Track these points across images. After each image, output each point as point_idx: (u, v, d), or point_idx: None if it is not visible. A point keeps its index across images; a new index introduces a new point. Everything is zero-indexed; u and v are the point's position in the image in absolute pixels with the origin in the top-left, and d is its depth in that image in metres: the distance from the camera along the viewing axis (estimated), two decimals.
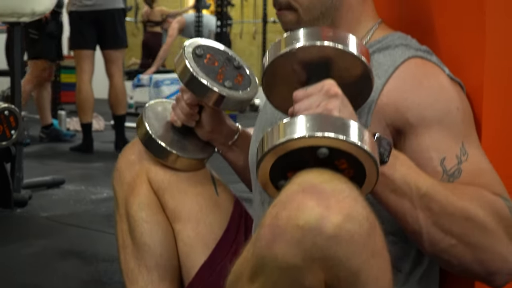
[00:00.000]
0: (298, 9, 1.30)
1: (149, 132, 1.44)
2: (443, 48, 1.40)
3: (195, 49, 1.41)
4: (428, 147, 1.18)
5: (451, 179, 1.16)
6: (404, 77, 1.22)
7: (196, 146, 1.48)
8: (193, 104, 1.45)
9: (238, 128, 1.53)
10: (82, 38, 5.20)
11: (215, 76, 1.38)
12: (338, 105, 1.04)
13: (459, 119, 1.20)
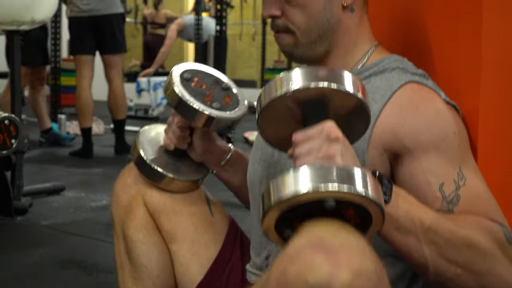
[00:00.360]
0: (296, 32, 1.32)
1: (142, 157, 1.47)
2: (439, 71, 1.42)
3: (183, 73, 1.44)
4: (426, 172, 1.19)
5: (451, 206, 1.17)
6: (400, 102, 1.24)
7: (190, 168, 1.51)
8: (183, 127, 1.47)
9: (230, 148, 1.55)
10: (81, 43, 5.23)
11: (203, 98, 1.41)
12: (339, 149, 1.03)
13: (455, 143, 1.21)
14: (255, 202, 1.42)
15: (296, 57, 1.36)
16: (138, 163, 1.48)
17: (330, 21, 1.31)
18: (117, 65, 5.30)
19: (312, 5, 1.30)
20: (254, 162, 1.44)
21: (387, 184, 1.08)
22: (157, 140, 1.53)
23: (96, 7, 5.16)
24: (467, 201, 1.18)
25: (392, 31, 1.56)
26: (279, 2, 1.32)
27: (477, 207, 1.17)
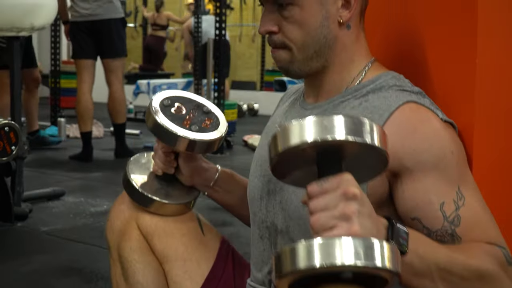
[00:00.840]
0: (293, 47, 1.33)
1: (132, 184, 1.50)
2: (434, 87, 1.43)
3: (163, 101, 1.47)
4: (426, 191, 1.21)
5: (453, 227, 1.20)
6: (399, 122, 1.25)
7: (180, 191, 1.53)
8: (168, 152, 1.51)
9: (217, 169, 1.58)
10: (81, 48, 5.25)
11: (181, 123, 1.44)
12: (356, 209, 0.99)
13: (453, 162, 1.23)
14: (255, 217, 1.44)
15: (292, 73, 1.36)
16: (129, 190, 1.51)
17: (327, 38, 1.32)
18: (116, 70, 5.31)
19: (309, 21, 1.31)
20: (254, 178, 1.45)
21: (403, 234, 1.08)
22: (147, 166, 1.57)
23: (95, 12, 5.18)
24: (468, 221, 1.20)
25: (388, 47, 1.57)
26: (276, 18, 1.33)
27: (478, 228, 1.20)
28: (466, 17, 1.36)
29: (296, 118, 1.38)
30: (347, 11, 1.32)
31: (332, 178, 1.00)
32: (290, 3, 1.30)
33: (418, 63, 1.48)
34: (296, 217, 1.30)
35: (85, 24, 5.21)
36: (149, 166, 1.56)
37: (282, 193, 1.33)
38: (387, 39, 1.59)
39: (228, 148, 6.30)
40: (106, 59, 5.30)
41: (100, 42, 5.24)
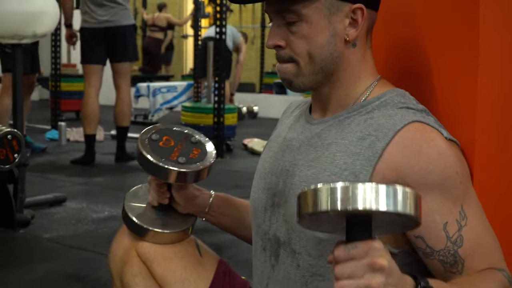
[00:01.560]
0: (300, 62, 1.34)
1: (130, 217, 1.54)
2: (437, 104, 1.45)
3: (151, 135, 1.50)
4: (430, 211, 1.23)
5: (455, 247, 1.22)
6: (404, 142, 1.26)
7: (177, 220, 1.57)
8: (160, 183, 1.54)
9: (211, 194, 1.60)
10: (93, 53, 5.32)
11: (169, 155, 1.47)
12: (382, 282, 0.98)
13: (457, 182, 1.25)
14: (258, 229, 1.45)
15: (295, 86, 1.38)
16: (127, 223, 1.55)
17: (333, 55, 1.34)
18: (126, 74, 5.40)
19: (317, 38, 1.32)
20: (258, 190, 1.47)
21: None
22: (144, 198, 1.60)
23: (111, 18, 5.27)
24: (470, 243, 1.23)
25: (393, 64, 1.59)
26: (284, 33, 1.34)
27: (480, 250, 1.23)
28: (468, 35, 1.38)
29: (301, 132, 1.40)
30: (354, 30, 1.34)
31: (360, 244, 0.98)
32: (298, 19, 1.32)
33: (422, 80, 1.50)
34: (298, 230, 1.31)
35: (100, 30, 5.28)
36: (146, 198, 1.59)
37: (286, 205, 1.35)
38: (393, 56, 1.61)
39: (228, 152, 6.33)
40: (117, 63, 5.37)
41: (113, 47, 5.31)
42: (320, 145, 1.34)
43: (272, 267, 1.39)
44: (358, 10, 1.33)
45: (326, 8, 1.31)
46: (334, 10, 1.32)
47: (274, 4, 1.34)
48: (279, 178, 1.40)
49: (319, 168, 1.31)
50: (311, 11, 1.31)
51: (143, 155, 1.46)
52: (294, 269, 1.33)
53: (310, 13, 1.31)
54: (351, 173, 1.26)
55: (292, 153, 1.39)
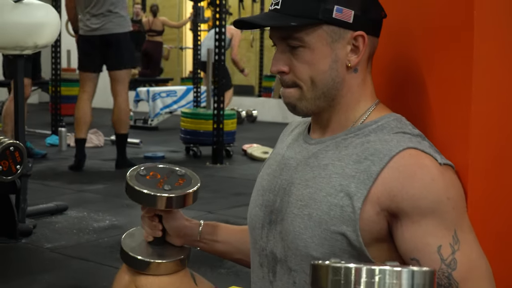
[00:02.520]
0: (303, 87, 1.38)
1: (127, 253, 1.60)
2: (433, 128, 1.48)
3: (139, 172, 1.59)
4: (424, 234, 1.27)
5: (449, 270, 1.26)
6: (398, 167, 1.30)
7: (172, 251, 1.63)
8: (151, 216, 1.59)
9: (200, 223, 1.64)
10: (88, 61, 5.39)
11: (155, 185, 1.55)
12: None
13: (450, 208, 1.29)
14: (256, 245, 1.49)
15: (298, 110, 1.42)
16: (126, 260, 1.61)
17: (335, 80, 1.38)
18: (123, 81, 5.43)
19: (319, 64, 1.36)
20: (255, 206, 1.51)
21: None
22: (140, 237, 1.68)
23: (105, 26, 5.31)
24: (464, 266, 1.26)
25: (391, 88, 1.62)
26: (288, 59, 1.38)
27: (473, 274, 1.27)
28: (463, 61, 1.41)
29: (299, 152, 1.44)
30: (356, 56, 1.38)
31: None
32: (301, 46, 1.36)
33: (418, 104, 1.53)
34: (294, 247, 1.35)
35: (95, 38, 5.33)
36: (141, 237, 1.66)
37: (282, 223, 1.39)
38: (390, 79, 1.64)
39: (228, 158, 6.36)
40: (114, 70, 5.42)
41: (108, 55, 5.36)
42: (317, 165, 1.37)
43: (270, 283, 1.43)
44: (360, 37, 1.37)
45: (329, 35, 1.35)
46: (336, 37, 1.36)
47: (278, 31, 1.38)
48: (276, 196, 1.44)
49: (315, 188, 1.34)
50: (314, 38, 1.35)
51: (131, 186, 1.54)
52: (291, 285, 1.37)
53: (313, 40, 1.35)
54: (346, 194, 1.30)
55: (290, 172, 1.42)
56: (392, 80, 1.63)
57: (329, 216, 1.30)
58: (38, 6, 3.75)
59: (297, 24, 1.33)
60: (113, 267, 2.97)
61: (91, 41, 5.35)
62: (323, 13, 1.34)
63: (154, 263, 1.57)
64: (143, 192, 1.53)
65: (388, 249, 1.32)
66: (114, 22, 5.32)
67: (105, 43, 5.32)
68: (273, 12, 1.37)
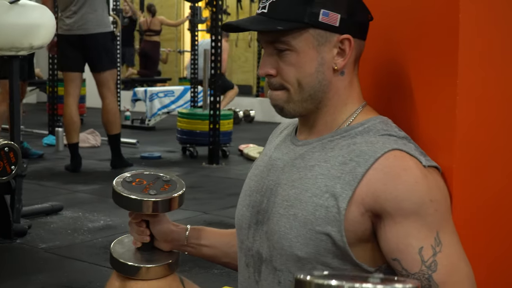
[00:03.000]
0: (290, 89, 1.40)
1: (117, 259, 1.62)
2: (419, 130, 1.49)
3: (125, 178, 1.61)
4: (406, 235, 1.29)
5: (430, 272, 1.27)
6: (383, 169, 1.32)
7: (161, 256, 1.64)
8: (138, 221, 1.60)
9: (187, 228, 1.66)
10: (67, 60, 5.38)
11: (141, 191, 1.57)
12: None
13: (432, 210, 1.30)
14: (242, 245, 1.51)
15: (286, 112, 1.43)
16: (116, 266, 1.62)
17: (322, 83, 1.39)
18: (107, 82, 5.40)
19: (305, 67, 1.38)
20: (243, 207, 1.52)
21: None
22: (129, 244, 1.69)
23: (82, 26, 5.29)
24: (444, 269, 1.28)
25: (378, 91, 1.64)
26: (275, 62, 1.40)
27: (454, 279, 1.28)
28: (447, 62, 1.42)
29: (286, 153, 1.46)
30: (342, 59, 1.39)
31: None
32: (288, 49, 1.37)
33: (405, 107, 1.55)
34: (279, 247, 1.37)
35: (72, 37, 5.31)
36: (130, 244, 1.67)
37: (268, 223, 1.40)
38: (377, 82, 1.65)
39: (224, 158, 6.37)
40: (96, 73, 5.41)
41: (88, 56, 5.35)
42: (303, 167, 1.39)
43: (256, 283, 1.44)
44: (346, 40, 1.38)
45: (315, 38, 1.37)
46: (323, 40, 1.38)
47: (265, 35, 1.40)
48: (263, 196, 1.45)
49: (301, 188, 1.36)
50: (301, 42, 1.37)
51: (117, 192, 1.56)
52: (276, 285, 1.38)
53: (299, 43, 1.37)
54: (331, 195, 1.31)
55: (277, 173, 1.44)
56: (379, 82, 1.65)
57: (314, 216, 1.32)
58: (33, 7, 3.76)
59: (283, 28, 1.35)
60: (107, 267, 2.98)
61: (70, 40, 5.32)
62: (310, 17, 1.35)
63: (144, 268, 1.59)
64: (129, 198, 1.54)
65: (372, 249, 1.34)
66: (92, 22, 5.29)
67: (84, 43, 5.30)
68: (260, 16, 1.39)
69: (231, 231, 1.66)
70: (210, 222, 3.97)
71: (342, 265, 1.32)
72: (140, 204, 1.54)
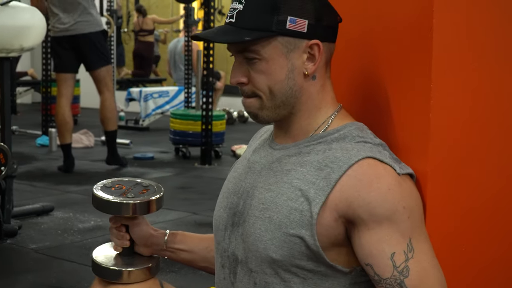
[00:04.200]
0: (262, 96, 1.41)
1: (99, 264, 1.63)
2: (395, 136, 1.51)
3: (105, 184, 1.63)
4: (379, 241, 1.31)
5: (402, 277, 1.29)
6: (356, 176, 1.33)
7: (141, 260, 1.67)
8: (117, 226, 1.61)
9: (165, 233, 1.67)
10: (61, 62, 5.42)
11: (120, 194, 1.59)
12: None
13: (405, 216, 1.32)
14: (218, 246, 1.52)
15: (260, 119, 1.45)
16: (97, 271, 1.64)
17: (293, 89, 1.41)
18: (103, 79, 5.46)
19: (276, 74, 1.39)
20: (220, 208, 1.54)
21: None
22: (110, 251, 1.71)
23: (73, 27, 5.32)
24: (416, 274, 1.30)
25: (353, 94, 1.65)
26: (246, 70, 1.41)
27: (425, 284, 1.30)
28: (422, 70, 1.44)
29: (264, 156, 1.48)
30: (312, 64, 1.40)
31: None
32: (257, 58, 1.38)
33: (380, 112, 1.56)
34: (254, 249, 1.38)
35: (65, 39, 5.35)
36: (111, 251, 1.69)
37: (244, 225, 1.42)
38: (353, 87, 1.67)
39: (217, 159, 6.39)
40: (91, 71, 5.45)
41: (82, 56, 5.39)
42: (280, 170, 1.41)
43: (232, 284, 1.46)
44: (315, 45, 1.39)
45: (284, 46, 1.38)
46: (292, 47, 1.38)
47: (234, 45, 1.41)
48: (240, 198, 1.47)
49: (277, 192, 1.38)
50: (270, 50, 1.38)
51: (97, 196, 1.58)
52: (252, 286, 1.40)
53: (268, 52, 1.38)
54: (305, 199, 1.33)
55: (254, 176, 1.46)
56: (354, 88, 1.66)
57: (289, 219, 1.34)
58: (24, 9, 3.78)
59: (251, 38, 1.36)
60: None
61: (62, 42, 5.36)
62: (277, 25, 1.36)
63: (125, 272, 1.60)
64: (108, 200, 1.57)
65: (347, 253, 1.35)
66: (83, 22, 5.32)
67: (77, 43, 5.33)
68: (228, 26, 1.39)
69: (210, 236, 1.67)
70: (200, 222, 4.00)
71: (317, 267, 1.34)
72: (120, 207, 1.57)
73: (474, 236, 1.47)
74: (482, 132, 1.47)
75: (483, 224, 1.47)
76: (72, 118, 5.54)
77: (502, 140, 1.48)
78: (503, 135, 1.48)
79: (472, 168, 1.46)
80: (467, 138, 1.46)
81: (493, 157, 1.47)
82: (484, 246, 1.48)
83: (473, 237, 1.47)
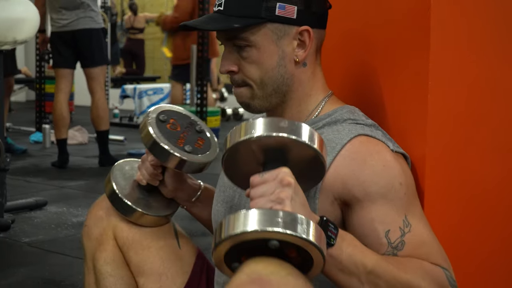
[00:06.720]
0: (253, 85, 1.40)
1: (115, 191, 1.54)
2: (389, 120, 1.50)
3: (159, 115, 1.51)
4: (373, 220, 1.29)
5: (395, 252, 1.27)
6: (349, 155, 1.32)
7: (160, 203, 1.58)
8: (156, 165, 1.54)
9: (200, 185, 1.64)
10: (60, 57, 5.39)
11: (176, 141, 1.48)
12: (290, 194, 1.13)
13: (401, 193, 1.31)
14: None
15: (252, 108, 1.44)
16: (111, 197, 1.54)
17: (284, 76, 1.40)
18: (98, 78, 5.42)
19: (266, 62, 1.38)
20: (217, 203, 1.53)
21: (333, 229, 1.18)
22: (130, 174, 1.59)
23: (74, 23, 5.30)
24: (412, 246, 1.28)
25: (347, 80, 1.64)
26: (236, 59, 1.40)
27: (421, 251, 1.27)
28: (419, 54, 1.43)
29: None
30: (303, 51, 1.39)
31: (272, 170, 1.16)
32: (247, 45, 1.37)
33: (374, 96, 1.55)
34: None
35: (65, 34, 5.33)
36: (132, 174, 1.59)
37: None
38: (347, 72, 1.66)
39: None
40: (87, 68, 5.42)
41: (80, 52, 5.36)
42: None
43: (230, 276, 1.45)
44: (305, 32, 1.38)
45: (273, 33, 1.37)
46: (281, 34, 1.37)
47: (224, 33, 1.39)
48: (235, 191, 1.46)
49: None
50: (259, 37, 1.37)
51: (152, 136, 1.46)
52: None
53: (258, 39, 1.37)
54: None
55: None
56: (349, 71, 1.65)
57: None
58: (18, 1, 3.74)
59: (240, 25, 1.34)
60: None
61: (63, 37, 5.34)
62: (266, 11, 1.35)
63: (138, 213, 1.52)
64: (163, 148, 1.45)
65: None
66: (85, 18, 5.31)
67: (77, 39, 5.31)
68: (217, 14, 1.38)
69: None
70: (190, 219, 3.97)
71: None
72: (173, 159, 1.46)
73: (474, 217, 1.46)
74: (480, 113, 1.46)
75: (484, 205, 1.46)
76: (69, 114, 5.50)
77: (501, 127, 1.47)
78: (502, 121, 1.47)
79: (471, 149, 1.45)
80: (465, 119, 1.45)
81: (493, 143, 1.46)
82: (486, 235, 1.47)
83: (473, 218, 1.46)
